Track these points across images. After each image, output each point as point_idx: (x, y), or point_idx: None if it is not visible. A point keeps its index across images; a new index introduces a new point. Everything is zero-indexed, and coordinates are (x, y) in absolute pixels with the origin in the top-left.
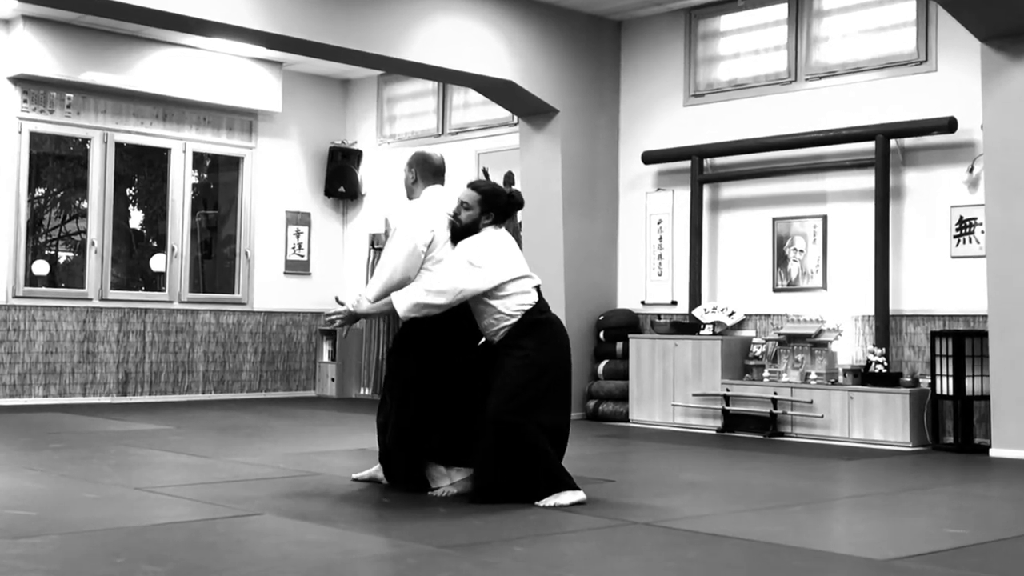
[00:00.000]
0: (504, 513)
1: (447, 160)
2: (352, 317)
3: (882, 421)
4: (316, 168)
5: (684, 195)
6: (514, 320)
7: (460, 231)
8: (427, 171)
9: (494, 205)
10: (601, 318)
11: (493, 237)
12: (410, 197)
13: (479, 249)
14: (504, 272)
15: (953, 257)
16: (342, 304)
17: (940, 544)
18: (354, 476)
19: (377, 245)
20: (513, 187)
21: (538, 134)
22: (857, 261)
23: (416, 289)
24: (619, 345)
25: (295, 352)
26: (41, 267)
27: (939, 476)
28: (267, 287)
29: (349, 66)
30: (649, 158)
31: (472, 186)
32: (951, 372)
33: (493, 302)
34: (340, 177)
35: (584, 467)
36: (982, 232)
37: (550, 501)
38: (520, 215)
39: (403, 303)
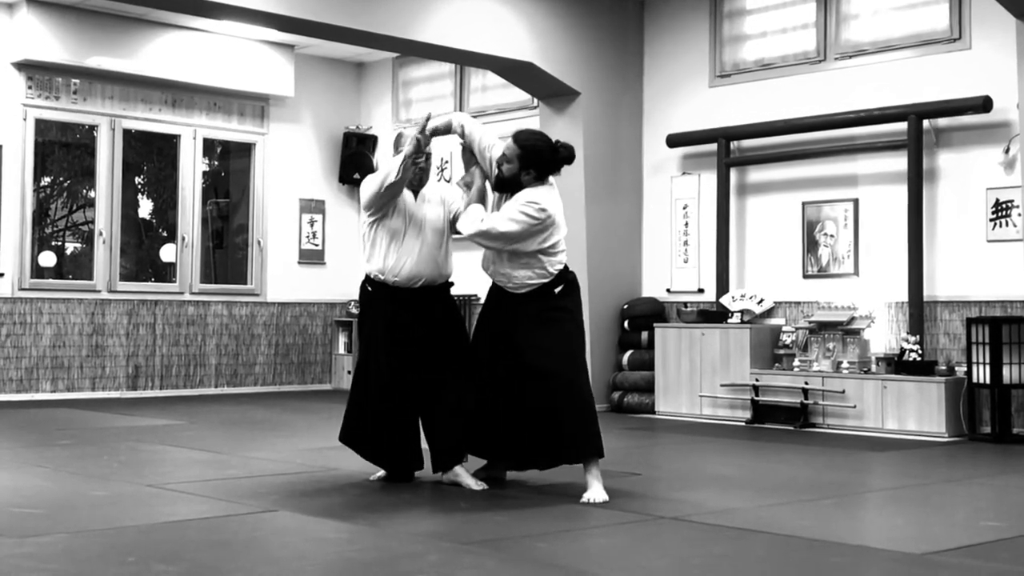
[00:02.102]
0: (527, 508)
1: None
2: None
3: (917, 411)
4: (330, 154)
5: (710, 179)
6: (551, 278)
7: (502, 182)
8: None
9: (535, 162)
10: (625, 307)
11: (548, 194)
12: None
13: (547, 201)
14: (563, 230)
15: (989, 241)
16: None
17: (978, 537)
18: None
19: None
20: (561, 142)
21: (559, 117)
22: (890, 246)
23: (493, 216)
24: (644, 335)
25: (310, 344)
26: (48, 258)
27: (976, 467)
28: (281, 277)
29: (363, 49)
30: (674, 141)
31: (514, 137)
32: (988, 360)
33: (544, 258)
34: (355, 163)
35: (609, 461)
36: (1019, 215)
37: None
38: None
39: (471, 223)
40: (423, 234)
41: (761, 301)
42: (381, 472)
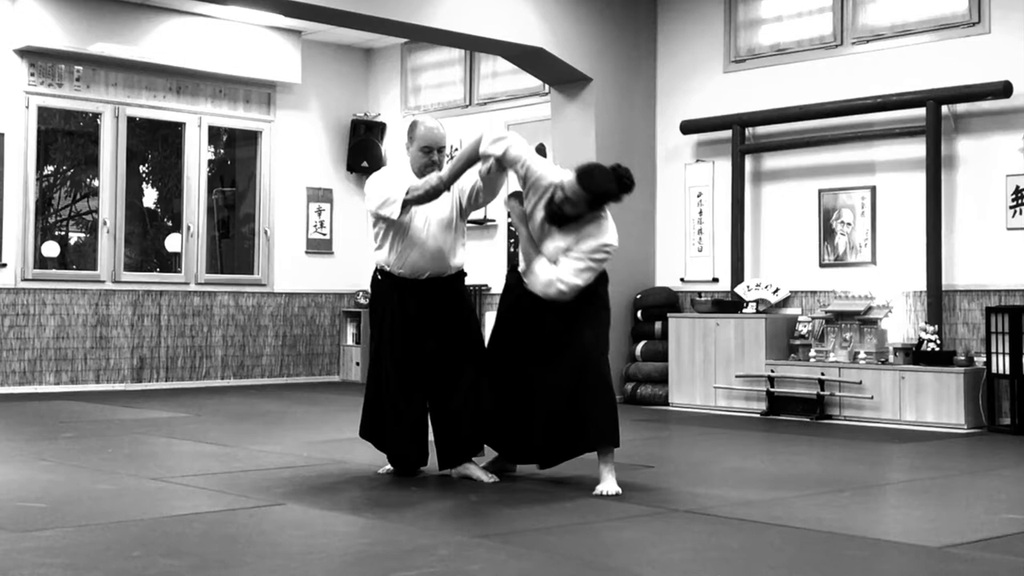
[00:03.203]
0: (539, 501)
1: (475, 131)
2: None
3: (935, 402)
4: (338, 142)
5: (725, 166)
6: None
7: (561, 218)
8: None
9: (602, 203)
10: (639, 297)
11: (610, 225)
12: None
13: (612, 234)
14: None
15: (1009, 229)
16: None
17: (997, 530)
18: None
19: None
20: (620, 167)
21: (570, 104)
22: (908, 234)
23: (567, 266)
24: (658, 325)
25: (318, 335)
26: (51, 248)
27: (995, 459)
28: (288, 267)
29: (371, 34)
30: (688, 128)
31: (582, 183)
32: (1007, 350)
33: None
34: (363, 151)
35: (622, 453)
36: None
37: (608, 475)
38: None
39: (546, 284)
40: (428, 227)
41: (777, 291)
42: (389, 466)
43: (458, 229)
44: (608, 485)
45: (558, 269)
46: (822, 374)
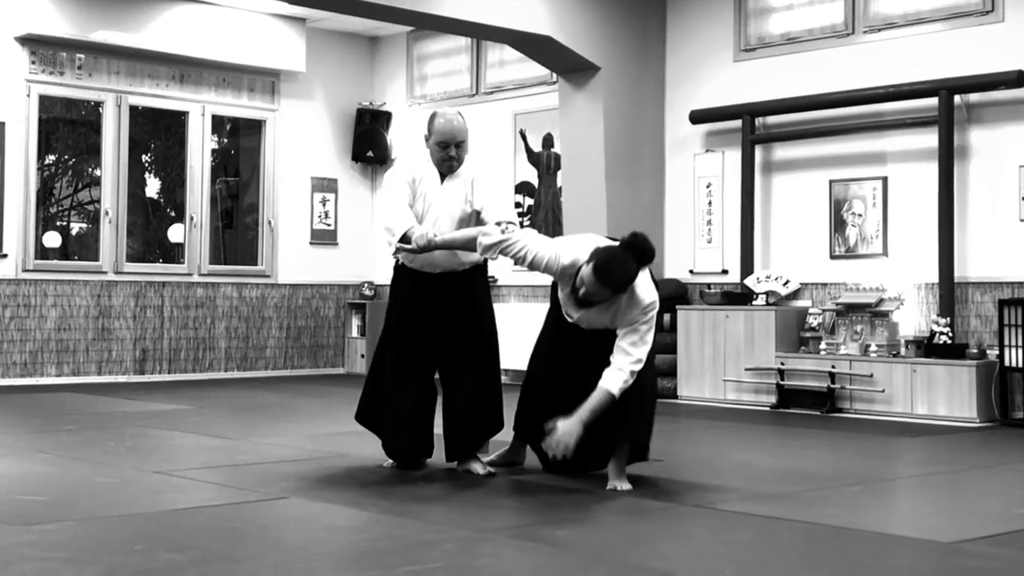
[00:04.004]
0: (546, 495)
1: (482, 122)
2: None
3: (947, 395)
4: (343, 131)
5: (735, 157)
6: None
7: (589, 303)
8: None
9: (623, 289)
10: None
11: (647, 284)
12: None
13: (652, 293)
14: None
15: (1022, 220)
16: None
17: (1009, 525)
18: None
19: None
20: (637, 238)
21: (579, 93)
22: (920, 225)
23: (631, 376)
24: (666, 317)
25: (322, 327)
26: (52, 239)
27: (1008, 453)
28: (292, 258)
29: (377, 22)
30: (697, 117)
31: (601, 280)
32: (1020, 343)
33: None
34: (368, 141)
35: None
36: None
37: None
38: (560, 178)
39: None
40: (438, 224)
41: (787, 282)
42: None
43: (473, 223)
44: (621, 482)
45: (621, 361)
46: (833, 367)
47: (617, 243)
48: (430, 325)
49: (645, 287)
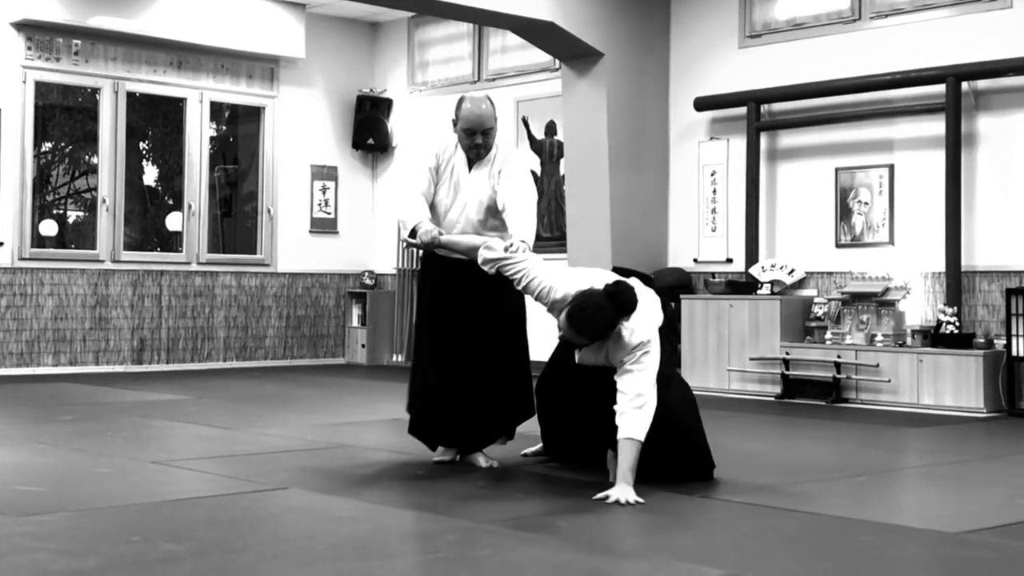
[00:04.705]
0: (548, 486)
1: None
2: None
3: (954, 385)
4: (343, 118)
5: (740, 144)
6: None
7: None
8: None
9: (599, 337)
10: (651, 277)
11: (641, 321)
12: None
13: (647, 330)
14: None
15: None
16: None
17: (1016, 516)
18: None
19: None
20: (619, 287)
21: (582, 80)
22: (926, 214)
23: (644, 412)
24: (671, 306)
25: (322, 316)
26: (49, 227)
27: (1015, 444)
28: (291, 247)
29: (377, 7)
30: (702, 104)
31: (574, 327)
32: None
33: None
34: (369, 128)
35: None
36: None
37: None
38: (563, 166)
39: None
40: (466, 211)
41: (792, 271)
42: (438, 455)
43: (497, 214)
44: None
45: (623, 405)
46: (838, 357)
47: (621, 279)
48: (454, 311)
49: (636, 327)
